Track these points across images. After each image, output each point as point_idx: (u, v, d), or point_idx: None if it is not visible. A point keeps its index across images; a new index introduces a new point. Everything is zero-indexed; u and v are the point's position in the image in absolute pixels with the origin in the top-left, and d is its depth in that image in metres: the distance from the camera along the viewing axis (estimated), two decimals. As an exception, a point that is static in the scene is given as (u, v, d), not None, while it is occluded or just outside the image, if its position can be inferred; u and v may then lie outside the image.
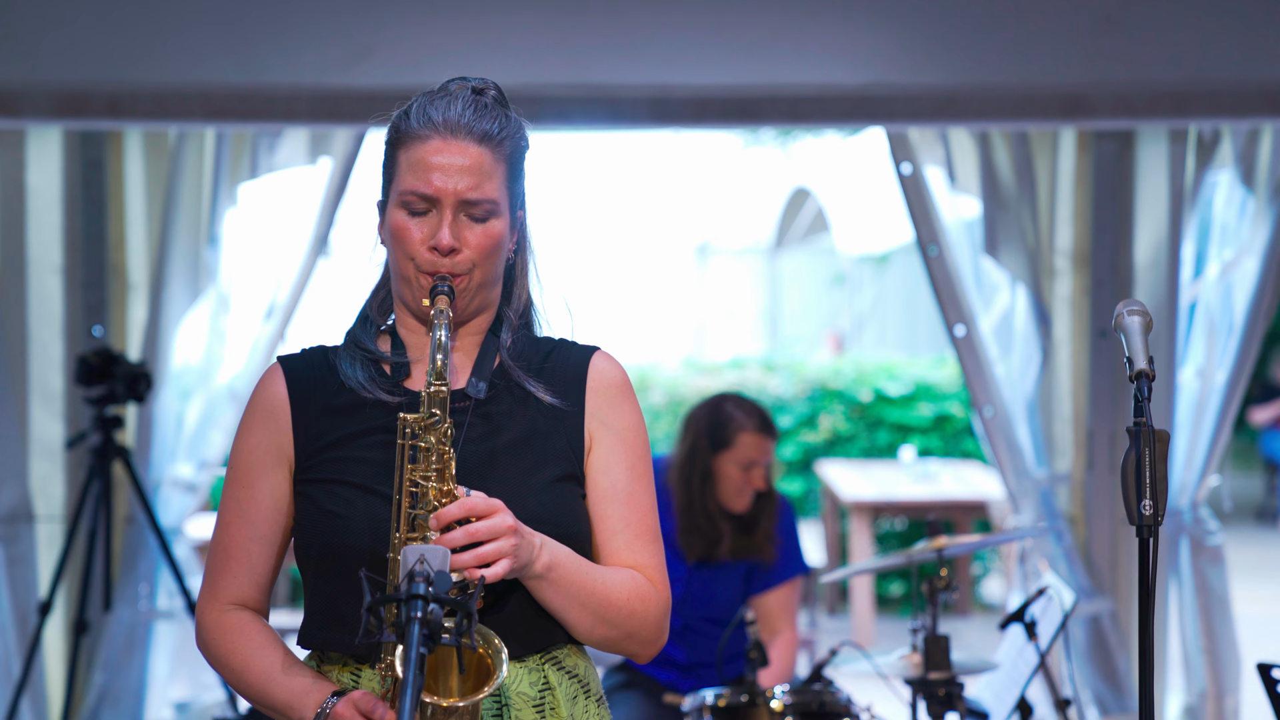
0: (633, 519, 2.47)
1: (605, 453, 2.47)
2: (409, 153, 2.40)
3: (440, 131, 2.39)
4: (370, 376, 2.45)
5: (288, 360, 2.51)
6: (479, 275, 2.41)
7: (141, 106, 4.99)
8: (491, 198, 2.39)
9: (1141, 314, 2.47)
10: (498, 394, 2.46)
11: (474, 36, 5.10)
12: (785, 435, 10.57)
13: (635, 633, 2.44)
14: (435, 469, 2.32)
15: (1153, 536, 2.37)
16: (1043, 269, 5.51)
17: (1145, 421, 2.37)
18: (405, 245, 2.40)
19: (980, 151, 5.42)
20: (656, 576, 2.47)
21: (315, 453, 2.43)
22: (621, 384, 2.51)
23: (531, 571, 2.33)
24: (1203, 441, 5.44)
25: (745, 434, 4.68)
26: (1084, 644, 5.49)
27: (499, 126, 2.42)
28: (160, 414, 5.45)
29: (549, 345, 2.52)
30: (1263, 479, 14.41)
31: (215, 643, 2.45)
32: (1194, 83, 5.04)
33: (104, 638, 5.36)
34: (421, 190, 2.38)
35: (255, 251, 5.55)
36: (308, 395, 2.46)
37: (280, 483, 2.46)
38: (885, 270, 16.76)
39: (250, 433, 2.48)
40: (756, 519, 4.75)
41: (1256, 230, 5.37)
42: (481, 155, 2.39)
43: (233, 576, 2.47)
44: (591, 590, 2.39)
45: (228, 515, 2.48)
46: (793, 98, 5.12)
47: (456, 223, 2.38)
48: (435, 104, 2.42)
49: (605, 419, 2.48)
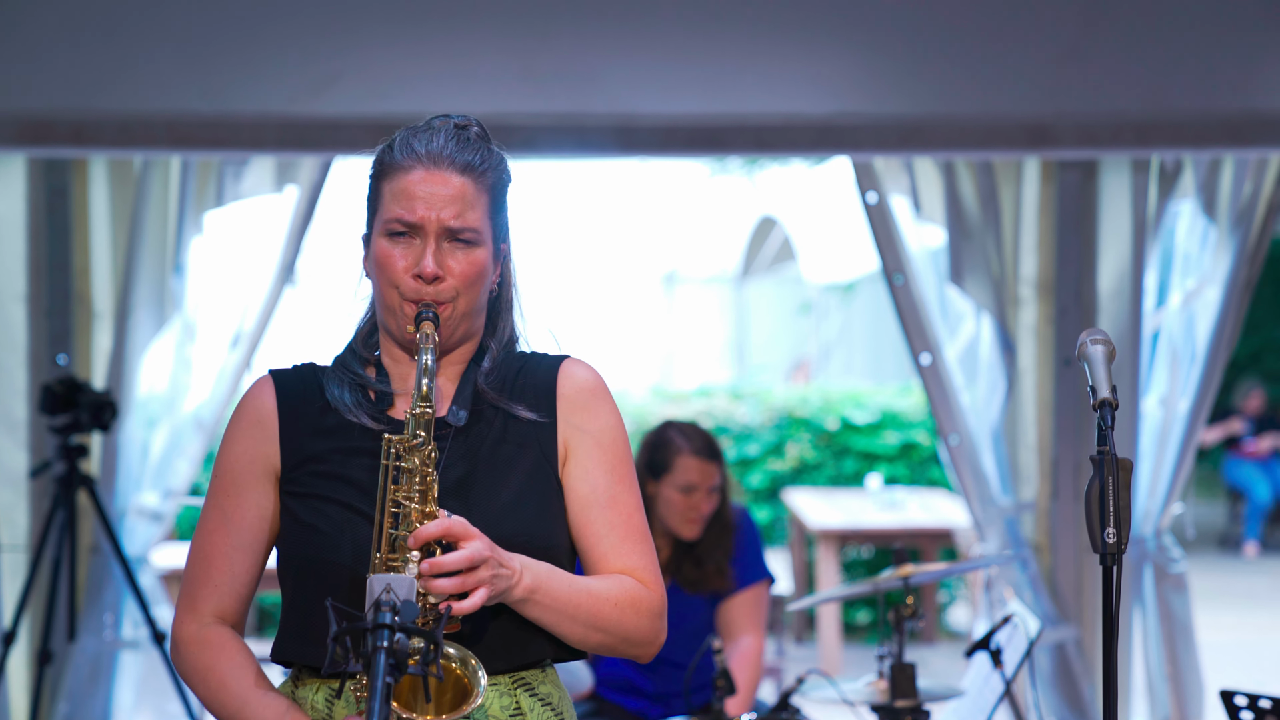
0: (617, 521, 2.47)
1: (582, 459, 2.48)
2: (393, 183, 2.43)
3: (424, 162, 2.42)
4: (356, 400, 2.46)
5: (279, 373, 2.53)
6: (463, 303, 2.43)
7: (106, 134, 4.98)
8: (474, 226, 2.42)
9: (1105, 343, 2.49)
10: (477, 419, 2.47)
11: (441, 65, 5.11)
12: (752, 463, 10.58)
13: (630, 635, 2.45)
14: (418, 490, 2.33)
15: (1116, 564, 2.38)
16: (1007, 298, 5.54)
17: (1109, 450, 2.38)
18: (389, 273, 2.42)
19: (945, 181, 5.45)
20: (647, 577, 2.47)
21: (299, 465, 2.45)
22: (594, 387, 2.51)
23: (512, 596, 2.34)
24: (1166, 469, 5.47)
25: (683, 457, 4.63)
26: (1049, 671, 5.51)
27: (481, 158, 2.45)
28: (125, 443, 5.43)
29: (521, 360, 2.54)
30: (1226, 507, 14.47)
31: (192, 657, 2.45)
32: (1156, 113, 5.08)
33: (68, 668, 5.33)
34: (405, 218, 2.40)
35: (221, 280, 5.53)
36: (296, 408, 2.48)
37: (266, 492, 2.47)
38: (851, 299, 16.80)
39: (237, 442, 2.49)
40: (708, 549, 4.70)
41: (1218, 260, 5.41)
42: (465, 185, 2.42)
43: (213, 586, 2.46)
44: (578, 604, 2.40)
45: (210, 523, 2.47)
46: (759, 127, 5.14)
47: (440, 250, 2.41)
48: (419, 137, 2.45)
49: (579, 424, 2.49)
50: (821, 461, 10.59)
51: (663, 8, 5.14)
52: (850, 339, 17.84)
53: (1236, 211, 5.36)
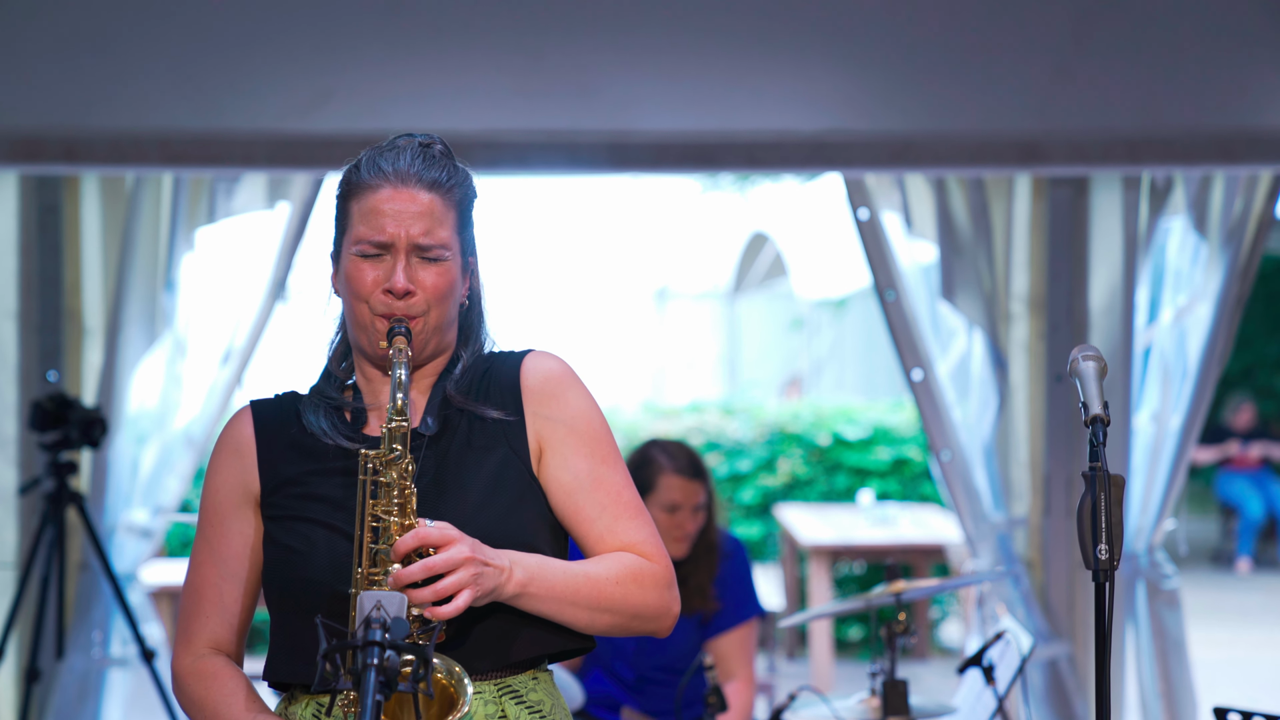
0: (607, 501, 2.47)
1: (559, 448, 2.48)
2: (360, 202, 2.45)
3: (391, 180, 2.44)
4: (332, 424, 2.48)
5: (258, 403, 2.55)
6: (434, 317, 2.44)
7: (98, 151, 4.98)
8: (443, 242, 2.43)
9: (1096, 359, 2.49)
10: (448, 425, 2.48)
11: (433, 82, 5.11)
12: (744, 479, 10.57)
13: (639, 610, 2.44)
14: (396, 503, 2.34)
15: (1109, 580, 2.38)
16: (999, 314, 5.54)
17: (1101, 466, 2.38)
18: (359, 289, 2.44)
19: (937, 197, 5.46)
20: (649, 549, 2.46)
21: (276, 489, 2.46)
22: (559, 375, 2.51)
23: (505, 593, 2.33)
24: (1158, 485, 5.47)
25: (666, 475, 4.60)
26: (1042, 688, 5.50)
27: (448, 175, 2.47)
28: (115, 459, 5.42)
29: (487, 361, 2.54)
30: (1218, 522, 14.48)
31: (189, 689, 2.46)
32: (1147, 130, 5.09)
33: (56, 686, 5.31)
34: (375, 238, 2.43)
35: (212, 296, 5.53)
36: (274, 432, 2.50)
37: (250, 520, 2.48)
38: (843, 315, 16.81)
39: (218, 473, 2.51)
40: (692, 571, 4.67)
41: (1209, 276, 5.42)
42: (432, 201, 2.44)
43: (205, 618, 2.48)
44: (577, 589, 2.39)
45: (199, 556, 2.50)
46: (751, 143, 5.14)
47: (410, 266, 2.42)
48: (384, 156, 2.47)
49: (549, 414, 2.49)
50: (813, 477, 10.59)
51: (655, 25, 5.15)
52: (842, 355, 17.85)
53: (1227, 228, 5.37)
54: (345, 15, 5.05)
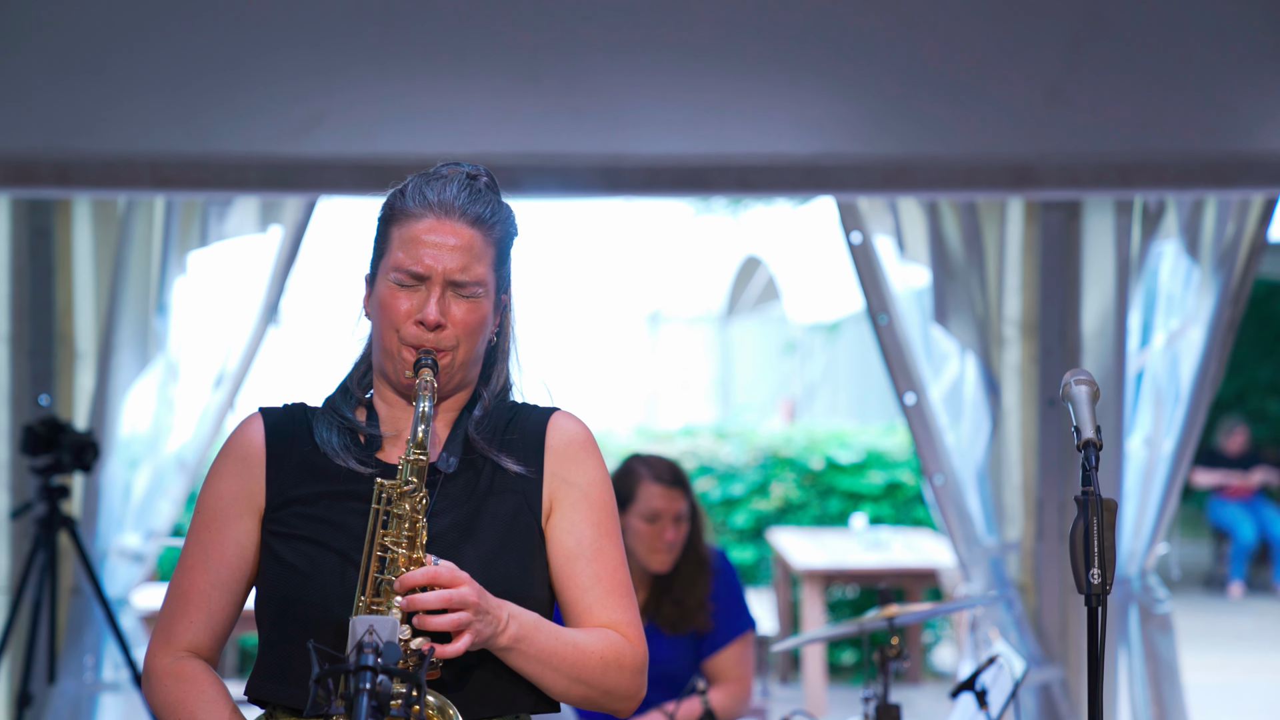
0: (603, 575, 2.48)
1: (569, 511, 2.49)
2: (402, 230, 2.45)
3: (435, 211, 2.44)
4: (345, 444, 2.48)
5: (269, 411, 2.54)
6: (462, 352, 2.45)
7: (90, 175, 4.97)
8: (480, 279, 2.45)
9: (1089, 383, 2.49)
10: (466, 467, 2.48)
11: (426, 105, 5.11)
12: (736, 503, 10.56)
13: (612, 689, 2.45)
14: (406, 536, 2.33)
15: (1101, 605, 2.38)
16: (991, 338, 5.55)
17: (1093, 490, 2.38)
18: (392, 316, 2.44)
19: (929, 221, 5.47)
20: (631, 632, 2.48)
21: (284, 505, 2.45)
22: (583, 441, 2.53)
23: (497, 644, 2.34)
24: (1151, 510, 5.47)
25: (645, 484, 4.59)
26: (1035, 712, 5.49)
27: (491, 211, 2.49)
28: (107, 483, 5.40)
29: (512, 410, 2.55)
30: (1211, 547, 14.47)
31: (165, 690, 2.44)
32: (1139, 155, 5.09)
33: (48, 710, 5.28)
34: (412, 268, 2.43)
35: (205, 320, 5.52)
36: (285, 447, 2.48)
37: (248, 530, 2.47)
38: (836, 338, 16.82)
39: (222, 478, 2.49)
40: (686, 586, 4.67)
41: (1201, 300, 5.42)
42: (474, 237, 2.45)
43: (189, 621, 2.46)
44: (563, 655, 2.39)
45: (191, 559, 2.47)
46: (743, 167, 5.15)
47: (444, 299, 2.43)
48: (430, 185, 2.47)
49: (566, 476, 2.50)
50: (806, 501, 10.58)
51: (648, 49, 5.16)
52: (835, 379, 17.85)
53: (1219, 252, 5.38)
54: (338, 39, 5.06)
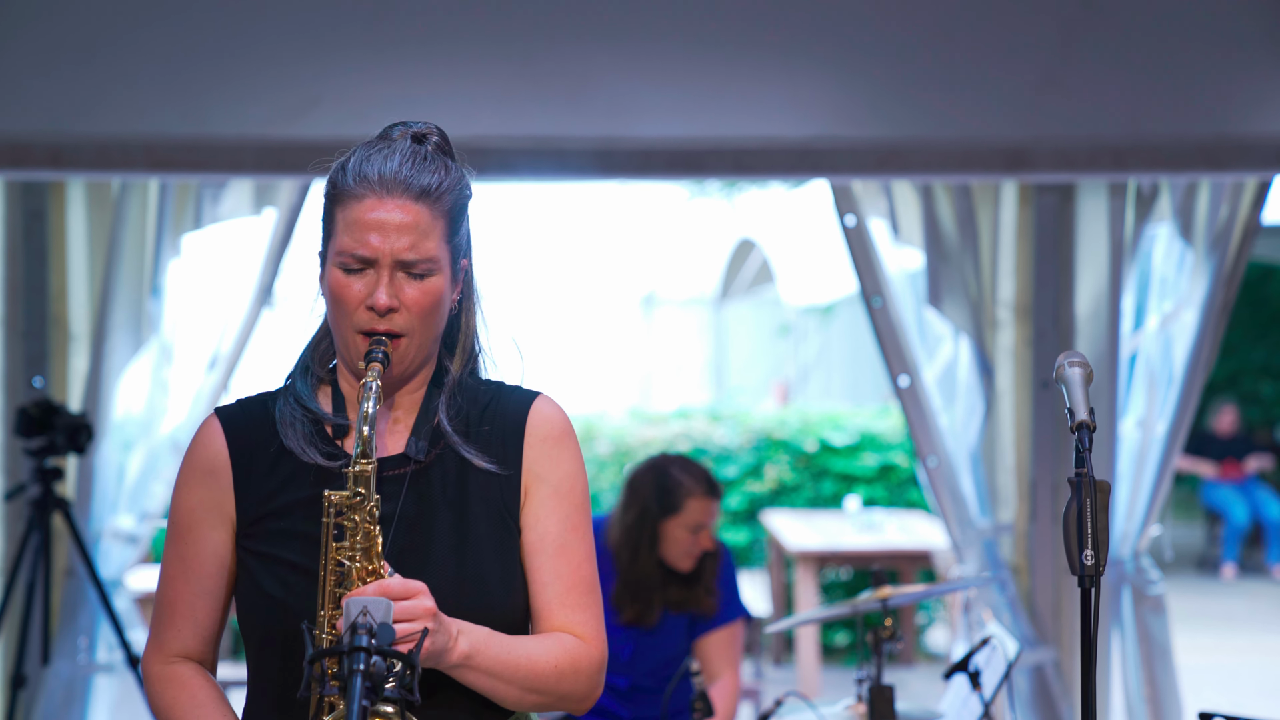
0: (564, 571, 2.42)
1: (538, 506, 2.43)
2: (345, 211, 2.37)
3: (376, 190, 2.34)
4: (309, 436, 2.41)
5: (225, 413, 2.46)
6: (418, 335, 2.37)
7: (84, 157, 4.97)
8: (430, 256, 2.35)
9: (1082, 365, 2.49)
10: (438, 455, 2.42)
11: (419, 87, 5.11)
12: (730, 485, 10.57)
13: (567, 695, 2.41)
14: (360, 548, 2.28)
15: (1094, 586, 2.38)
16: (985, 320, 5.55)
17: (1086, 472, 2.38)
18: (343, 304, 2.36)
19: (923, 204, 5.47)
20: (589, 631, 2.42)
21: (256, 520, 2.40)
22: (561, 432, 2.45)
23: (446, 661, 2.28)
24: (1144, 492, 5.48)
25: (694, 499, 4.69)
26: (1028, 693, 5.51)
27: (438, 180, 2.37)
28: (101, 465, 5.40)
29: (489, 394, 2.47)
30: (1204, 529, 14.50)
31: (159, 695, 2.43)
32: (1133, 138, 5.10)
33: (42, 692, 5.29)
34: (358, 252, 2.34)
35: (199, 302, 5.52)
36: (249, 454, 2.42)
37: (223, 540, 2.43)
38: (830, 321, 16.82)
39: (190, 490, 2.44)
40: (699, 574, 4.75)
41: (1195, 283, 5.43)
42: (419, 212, 2.34)
43: (176, 630, 2.44)
44: (515, 667, 2.34)
45: (170, 570, 2.44)
46: (738, 150, 5.14)
47: (394, 281, 2.34)
48: (372, 159, 2.37)
49: (540, 472, 2.43)
50: (800, 483, 10.60)
51: (643, 31, 5.15)
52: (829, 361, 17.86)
53: (1213, 235, 5.38)
54: (332, 21, 5.05)
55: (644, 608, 4.69)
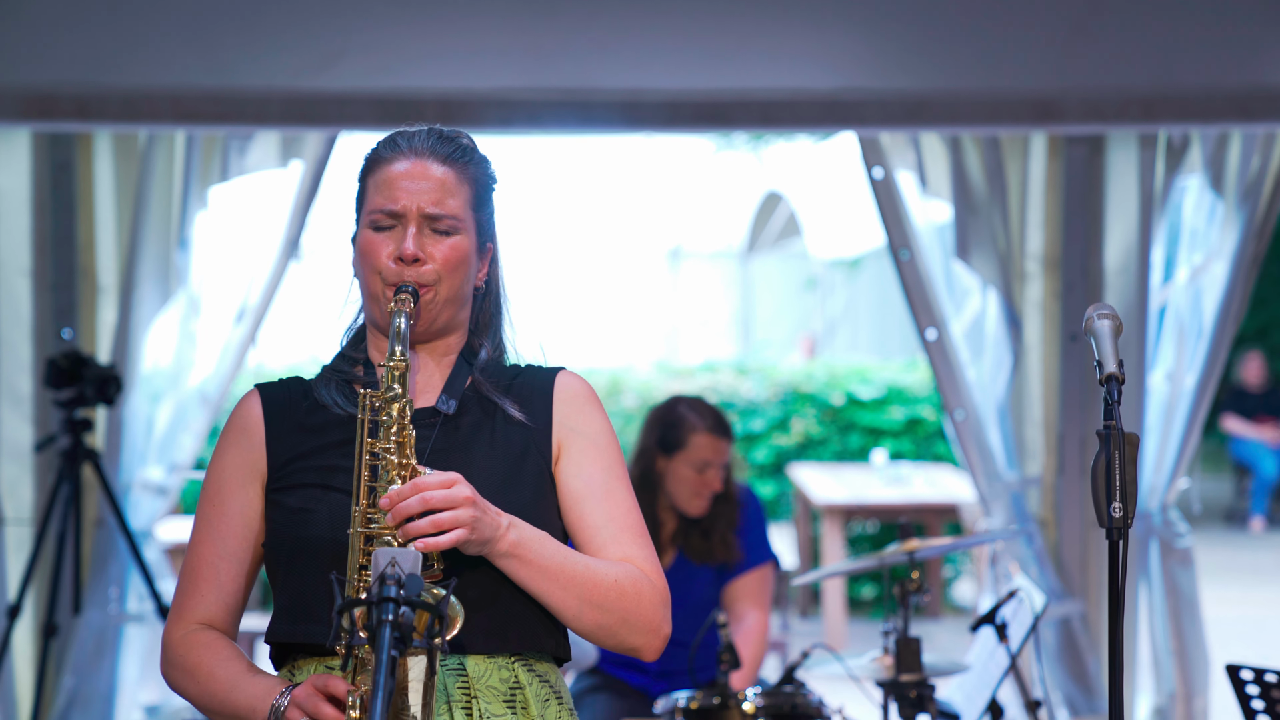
0: (615, 514, 2.47)
1: (577, 456, 2.48)
2: (376, 176, 2.48)
3: (405, 153, 2.47)
4: (345, 396, 2.49)
5: (265, 386, 2.56)
6: (444, 289, 2.45)
7: (111, 109, 4.97)
8: (455, 214, 2.45)
9: (1111, 318, 2.48)
10: (467, 409, 2.48)
11: (445, 40, 5.09)
12: (757, 439, 10.58)
13: (630, 618, 2.41)
14: (395, 441, 2.33)
15: (1122, 539, 2.38)
16: (1013, 273, 5.53)
17: (1115, 424, 2.38)
18: (372, 259, 2.45)
19: (951, 156, 5.44)
20: (648, 566, 2.45)
21: (287, 463, 2.46)
22: (588, 394, 2.54)
23: (496, 549, 2.33)
24: (1172, 444, 5.47)
25: (697, 435, 4.65)
26: (1054, 646, 5.51)
27: (463, 152, 2.50)
28: (130, 417, 5.43)
29: (516, 370, 2.56)
30: (1232, 482, 14.48)
31: (180, 659, 2.45)
32: (1163, 88, 5.06)
33: (73, 641, 5.34)
34: (386, 206, 2.44)
35: (226, 254, 5.53)
36: (282, 413, 2.50)
37: (252, 500, 2.48)
38: (857, 274, 16.79)
39: (224, 453, 2.51)
40: (714, 522, 4.72)
41: (1225, 234, 5.39)
42: (446, 174, 2.46)
43: (200, 596, 2.46)
44: (572, 572, 2.37)
45: (198, 534, 2.49)
46: (765, 102, 5.12)
47: (421, 235, 2.44)
48: (403, 134, 2.50)
49: (574, 425, 2.50)
50: (827, 437, 10.60)
51: (668, -18, 5.13)
52: (856, 314, 17.83)
53: (1244, 186, 5.34)
54: (358, -28, 5.04)
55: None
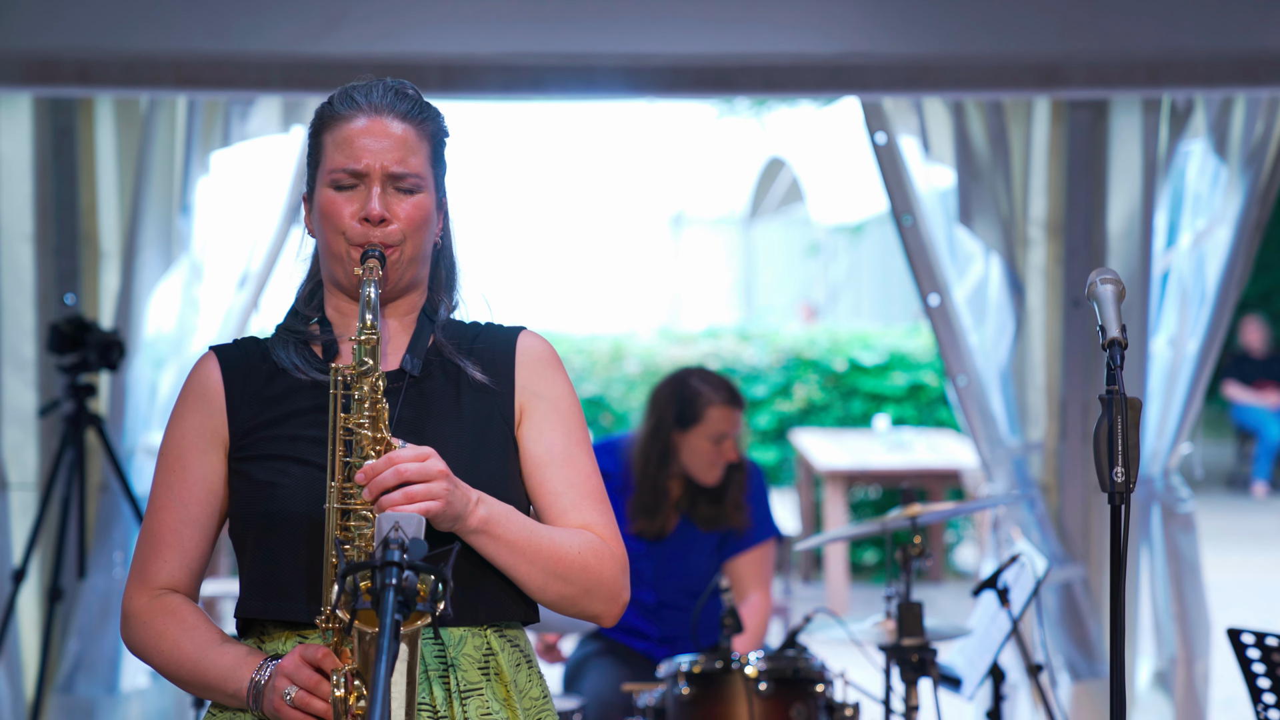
0: (575, 480, 2.48)
1: (539, 421, 2.49)
2: (334, 134, 2.46)
3: (364, 110, 2.45)
4: (305, 359, 2.47)
5: (221, 348, 2.54)
6: (409, 248, 2.44)
7: (112, 74, 4.96)
8: (418, 171, 2.44)
9: (1114, 283, 2.48)
10: (431, 371, 2.48)
11: (447, 5, 5.08)
12: (760, 405, 10.59)
13: (593, 588, 2.43)
14: (369, 416, 2.33)
15: (1124, 504, 2.38)
16: (1016, 238, 5.52)
17: (1118, 389, 2.38)
18: (335, 221, 2.43)
19: (954, 121, 5.43)
20: (607, 533, 2.47)
21: (249, 432, 2.44)
22: (550, 357, 2.53)
23: (467, 525, 2.34)
24: (1174, 409, 5.47)
25: (714, 408, 4.68)
26: (1056, 610, 5.52)
27: (420, 109, 2.48)
28: (133, 382, 5.43)
29: (476, 328, 2.55)
30: (1234, 447, 14.49)
31: (144, 626, 2.43)
32: (1167, 52, 5.04)
33: (78, 605, 5.35)
34: (349, 166, 2.43)
35: (228, 220, 5.53)
36: (241, 379, 2.48)
37: (214, 465, 2.46)
38: (859, 240, 16.78)
39: (183, 417, 2.48)
40: (725, 488, 4.75)
41: (1229, 200, 5.39)
42: (407, 131, 2.45)
43: (163, 561, 2.45)
44: (538, 546, 2.39)
45: (159, 500, 2.47)
46: (767, 67, 5.11)
47: (385, 195, 2.42)
48: (357, 89, 2.48)
49: (536, 389, 2.50)
50: (829, 402, 10.61)
51: (671, -54, 5.11)
52: (858, 280, 17.83)
53: (1248, 151, 5.33)
54: (360, -64, 5.02)
55: (655, 520, 4.69)
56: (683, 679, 4.04)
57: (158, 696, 5.51)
